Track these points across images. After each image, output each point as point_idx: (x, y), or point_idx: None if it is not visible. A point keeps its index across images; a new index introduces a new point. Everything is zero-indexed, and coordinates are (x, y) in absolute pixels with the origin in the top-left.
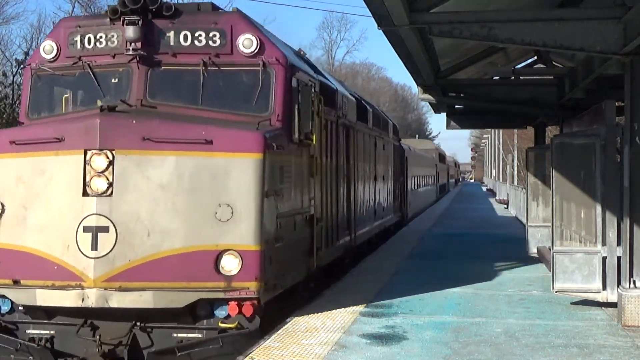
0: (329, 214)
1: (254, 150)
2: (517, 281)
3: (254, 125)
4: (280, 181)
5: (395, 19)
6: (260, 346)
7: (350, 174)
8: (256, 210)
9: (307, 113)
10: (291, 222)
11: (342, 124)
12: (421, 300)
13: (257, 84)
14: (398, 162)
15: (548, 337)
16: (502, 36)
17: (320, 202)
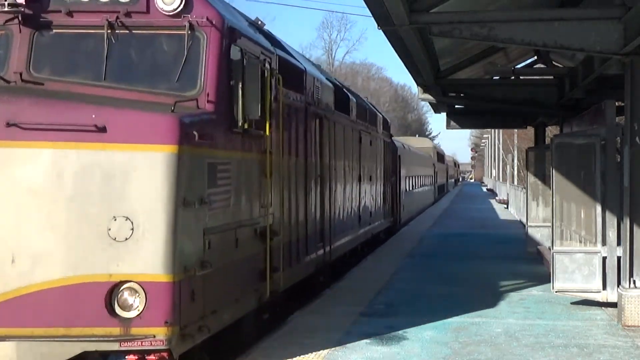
0: (293, 225)
1: (166, 141)
2: (517, 281)
3: (169, 106)
4: (211, 184)
5: (395, 18)
6: (260, 346)
7: (325, 174)
8: (167, 225)
9: (255, 94)
10: (230, 239)
11: (314, 113)
12: (421, 300)
13: (181, 52)
14: (389, 160)
15: (548, 337)
16: (502, 36)
17: (280, 209)
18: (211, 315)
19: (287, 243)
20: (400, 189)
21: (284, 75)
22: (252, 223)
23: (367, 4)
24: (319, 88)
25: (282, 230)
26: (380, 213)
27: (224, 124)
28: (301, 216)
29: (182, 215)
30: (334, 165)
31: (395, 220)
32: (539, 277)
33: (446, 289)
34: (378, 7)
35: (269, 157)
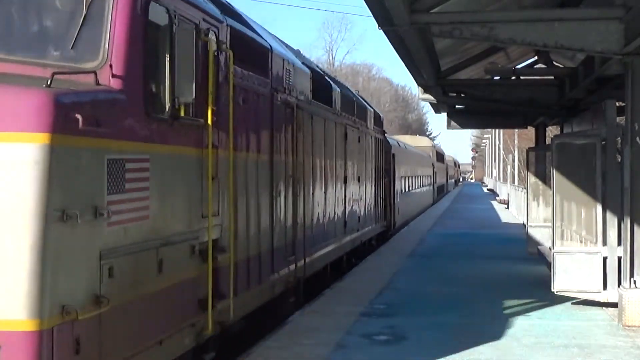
0: (252, 237)
1: (32, 128)
2: (518, 281)
3: (43, 80)
4: (115, 188)
5: (395, 19)
6: (261, 346)
7: (300, 174)
8: (31, 248)
9: (188, 70)
10: (148, 262)
11: (284, 102)
12: (422, 300)
13: (80, 10)
14: (382, 159)
15: (548, 337)
16: (502, 36)
17: (231, 219)
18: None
19: (242, 260)
20: (394, 190)
21: (238, 52)
22: (187, 238)
23: (367, 4)
24: (291, 72)
25: (234, 245)
26: (371, 217)
27: (138, 107)
28: (264, 225)
29: (59, 233)
30: (311, 165)
31: (389, 224)
32: (540, 277)
33: (447, 289)
34: (378, 7)
35: (212, 152)
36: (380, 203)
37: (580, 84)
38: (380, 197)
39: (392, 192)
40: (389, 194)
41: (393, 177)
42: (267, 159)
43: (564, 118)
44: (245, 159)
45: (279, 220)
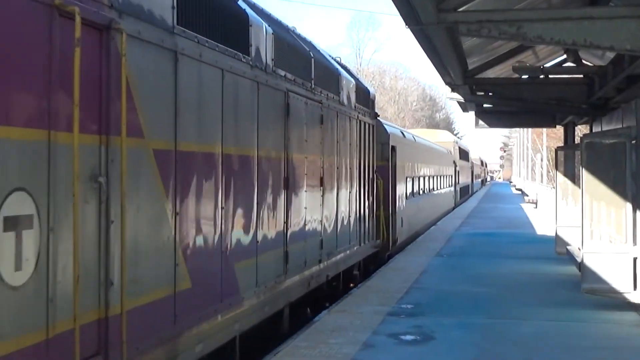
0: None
1: None
2: (546, 281)
3: None
4: None
5: (422, 17)
6: (289, 345)
7: (186, 176)
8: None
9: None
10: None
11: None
12: (449, 300)
13: None
14: (371, 152)
15: (578, 338)
16: (531, 35)
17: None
18: None
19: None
20: (395, 195)
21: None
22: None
23: (395, 3)
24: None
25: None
26: (355, 236)
27: None
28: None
29: None
30: (227, 162)
31: (387, 241)
32: (569, 277)
33: (474, 289)
34: (405, 6)
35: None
36: (369, 214)
37: (609, 83)
38: (369, 206)
39: (391, 198)
40: (387, 200)
41: (393, 177)
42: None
43: (594, 117)
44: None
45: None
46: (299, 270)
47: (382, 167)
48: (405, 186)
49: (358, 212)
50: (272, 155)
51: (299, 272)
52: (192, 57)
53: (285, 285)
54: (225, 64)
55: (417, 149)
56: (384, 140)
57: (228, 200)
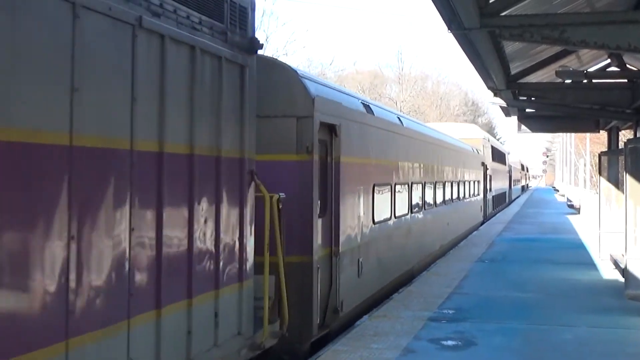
0: None
1: None
2: (588, 287)
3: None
4: None
5: (465, 22)
6: (329, 349)
7: None
8: None
9: None
10: None
11: None
12: (490, 306)
13: None
14: (236, 132)
15: (621, 345)
16: (574, 39)
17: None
18: None
19: None
20: (340, 219)
21: None
22: None
23: (437, 8)
24: None
25: None
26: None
27: None
28: None
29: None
30: None
31: (308, 315)
32: (612, 283)
33: (516, 295)
34: (448, 11)
35: None
36: (228, 270)
37: None
38: (228, 252)
39: (324, 226)
40: (307, 230)
41: (335, 185)
42: None
43: (637, 121)
44: None
45: None
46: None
47: (290, 166)
48: (369, 201)
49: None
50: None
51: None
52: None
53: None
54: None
55: (400, 138)
56: (294, 106)
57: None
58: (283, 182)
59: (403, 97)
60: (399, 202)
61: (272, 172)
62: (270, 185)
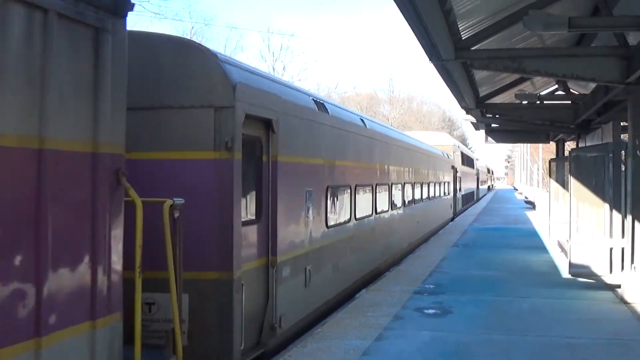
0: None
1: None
2: (541, 267)
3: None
4: None
5: (443, 55)
6: (334, 317)
7: None
8: None
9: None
10: None
11: None
12: (464, 282)
13: None
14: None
15: (566, 312)
16: (529, 68)
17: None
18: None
19: None
20: (278, 225)
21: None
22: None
23: (421, 44)
24: None
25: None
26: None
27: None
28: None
29: None
30: None
31: (227, 340)
32: (559, 263)
33: (484, 273)
34: (430, 45)
35: None
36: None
37: (591, 108)
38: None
39: (254, 239)
40: (225, 238)
41: (271, 185)
42: None
43: (579, 135)
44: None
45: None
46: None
47: (205, 165)
48: (321, 204)
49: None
50: None
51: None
52: None
53: None
54: None
55: (363, 139)
56: (211, 95)
57: None
58: (197, 184)
59: (393, 115)
60: (361, 203)
61: (184, 173)
62: (180, 189)
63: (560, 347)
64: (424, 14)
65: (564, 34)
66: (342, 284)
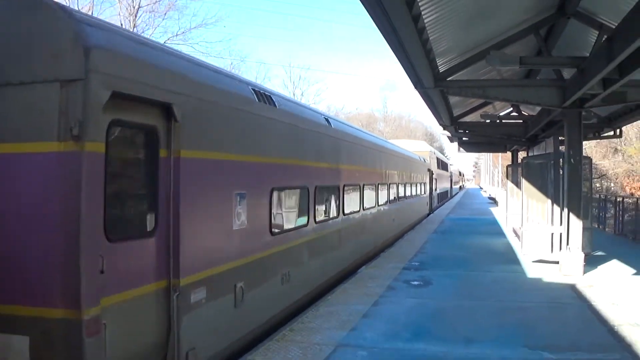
0: None
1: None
2: (501, 248)
3: None
4: None
5: (425, 84)
6: (340, 287)
7: None
8: None
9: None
10: None
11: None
12: (441, 260)
13: None
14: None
15: (520, 283)
16: (491, 95)
17: None
18: None
19: None
20: (178, 246)
21: None
22: None
23: (408, 75)
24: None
25: None
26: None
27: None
28: None
29: None
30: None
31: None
32: (514, 245)
33: (457, 253)
34: (415, 77)
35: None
36: None
37: (537, 125)
38: None
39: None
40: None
41: (171, 198)
42: None
43: (528, 146)
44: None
45: None
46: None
47: (42, 162)
48: (263, 210)
49: None
50: None
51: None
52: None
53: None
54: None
55: (327, 139)
56: (57, 64)
57: None
58: (35, 187)
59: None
60: (324, 206)
61: (19, 172)
62: (15, 194)
63: (514, 309)
64: (411, 55)
65: (516, 69)
66: (296, 293)
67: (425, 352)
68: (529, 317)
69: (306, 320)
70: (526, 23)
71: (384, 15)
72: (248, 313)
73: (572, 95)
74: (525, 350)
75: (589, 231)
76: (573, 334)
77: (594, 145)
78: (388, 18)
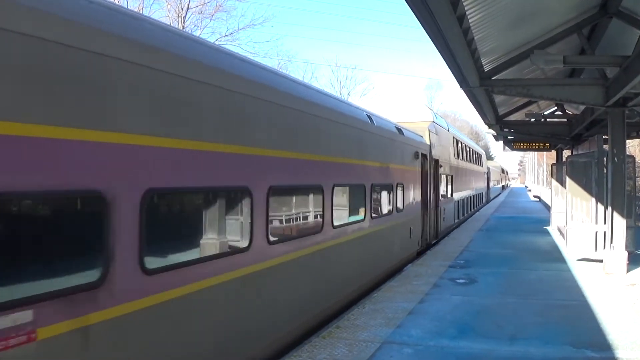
0: None
1: None
2: (545, 246)
3: None
4: None
5: (470, 83)
6: (387, 285)
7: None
8: None
9: None
10: None
11: None
12: (486, 258)
13: None
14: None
15: (563, 280)
16: (535, 94)
17: None
18: None
19: None
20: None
21: None
22: None
23: (454, 75)
24: None
25: None
26: None
27: None
28: None
29: None
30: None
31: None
32: (558, 243)
33: (501, 251)
34: (460, 76)
35: None
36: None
37: (582, 124)
38: None
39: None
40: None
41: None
42: None
43: (573, 145)
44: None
45: None
46: None
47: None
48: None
49: None
50: None
51: None
52: None
53: None
54: None
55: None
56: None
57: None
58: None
59: None
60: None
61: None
62: None
63: (557, 307)
64: (457, 54)
65: (560, 68)
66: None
67: (469, 349)
68: (572, 315)
69: (352, 318)
70: (569, 23)
71: (429, 16)
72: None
73: (615, 94)
74: (569, 348)
75: (632, 230)
76: (616, 332)
77: (637, 144)
78: (434, 19)
